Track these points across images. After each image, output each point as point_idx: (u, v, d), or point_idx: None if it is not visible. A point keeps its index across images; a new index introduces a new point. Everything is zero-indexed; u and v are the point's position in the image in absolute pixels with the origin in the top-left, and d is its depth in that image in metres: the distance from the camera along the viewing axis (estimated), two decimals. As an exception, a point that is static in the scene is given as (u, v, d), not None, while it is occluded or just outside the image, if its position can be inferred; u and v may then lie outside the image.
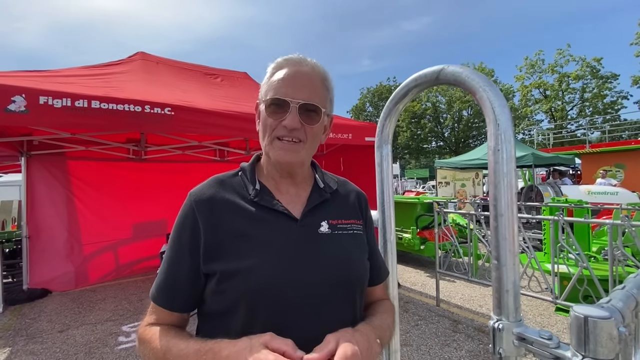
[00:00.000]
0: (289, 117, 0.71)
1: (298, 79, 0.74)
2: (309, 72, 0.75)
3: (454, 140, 37.59)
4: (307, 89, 0.73)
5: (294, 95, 0.72)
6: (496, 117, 0.73)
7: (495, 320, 0.74)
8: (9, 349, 3.11)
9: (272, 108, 0.73)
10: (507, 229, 0.72)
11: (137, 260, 5.50)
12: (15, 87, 2.50)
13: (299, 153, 0.75)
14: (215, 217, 0.73)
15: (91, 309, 4.06)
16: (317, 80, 0.76)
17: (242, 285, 0.68)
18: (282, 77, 0.73)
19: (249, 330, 0.68)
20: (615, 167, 11.89)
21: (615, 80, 27.43)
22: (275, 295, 0.69)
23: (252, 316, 0.69)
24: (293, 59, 0.76)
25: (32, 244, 4.58)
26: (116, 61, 4.59)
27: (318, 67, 0.77)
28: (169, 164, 5.89)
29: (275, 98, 0.72)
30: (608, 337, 0.57)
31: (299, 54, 0.77)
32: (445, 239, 4.30)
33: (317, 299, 0.71)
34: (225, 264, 0.70)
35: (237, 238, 0.71)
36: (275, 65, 0.77)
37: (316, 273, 0.72)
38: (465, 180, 11.35)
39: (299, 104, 0.72)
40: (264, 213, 0.74)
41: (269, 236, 0.73)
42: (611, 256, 2.61)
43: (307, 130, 0.74)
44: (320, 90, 0.76)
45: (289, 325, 0.69)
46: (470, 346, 3.00)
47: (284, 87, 0.73)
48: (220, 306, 0.72)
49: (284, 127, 0.72)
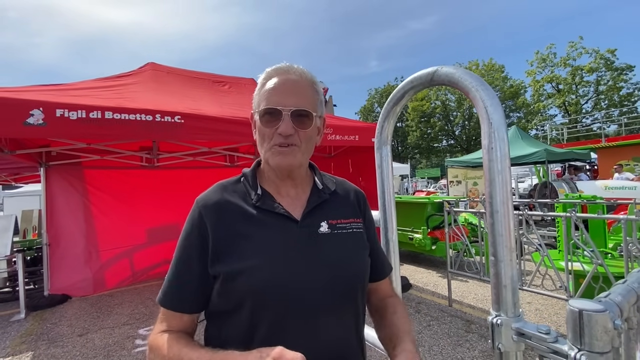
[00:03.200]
0: (283, 124, 0.75)
1: (287, 86, 0.77)
2: (297, 79, 0.78)
3: (465, 138, 37.07)
4: (297, 95, 0.77)
5: (285, 102, 0.75)
6: (489, 115, 0.74)
7: (494, 315, 0.75)
8: (31, 352, 3.23)
9: (266, 117, 0.76)
10: (503, 225, 0.74)
11: (152, 265, 5.62)
12: (33, 102, 2.61)
13: (296, 156, 0.78)
14: (221, 221, 0.77)
15: (109, 313, 4.17)
16: (306, 85, 0.79)
17: (245, 285, 0.71)
18: (272, 86, 0.77)
19: (255, 328, 0.72)
20: (634, 160, 11.52)
21: (630, 72, 26.62)
22: (278, 294, 0.71)
23: (257, 315, 0.72)
24: (281, 68, 0.79)
25: (52, 252, 4.74)
26: (127, 72, 4.72)
27: (305, 73, 0.80)
28: (181, 170, 6.01)
29: (268, 108, 0.76)
30: (603, 330, 0.58)
31: (286, 63, 0.81)
32: (456, 238, 4.25)
33: (319, 297, 0.74)
34: (230, 265, 0.73)
35: (241, 240, 0.75)
36: (265, 76, 0.80)
37: (317, 272, 0.75)
38: (477, 178, 11.17)
39: (290, 110, 0.75)
40: (265, 216, 0.78)
41: (271, 237, 0.76)
42: (626, 252, 2.54)
43: (300, 135, 0.77)
44: (310, 95, 0.79)
45: (293, 323, 0.72)
46: (483, 346, 2.96)
47: (274, 96, 0.76)
48: (226, 306, 0.75)
49: (279, 134, 0.75)
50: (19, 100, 2.57)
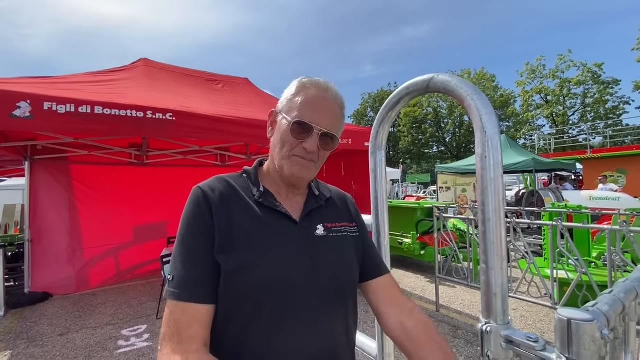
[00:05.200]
0: (310, 141, 0.77)
1: (323, 106, 0.79)
2: (332, 100, 0.81)
3: (455, 145, 37.62)
4: (330, 117, 0.79)
5: (319, 122, 0.77)
6: (483, 124, 0.75)
7: (484, 323, 0.75)
8: (9, 352, 3.12)
9: (295, 128, 0.77)
10: (495, 233, 0.74)
11: (137, 264, 5.52)
12: (21, 93, 2.55)
13: (311, 171, 0.81)
14: (225, 210, 0.75)
15: (91, 312, 4.07)
16: (338, 109, 0.82)
17: (247, 279, 0.71)
18: (309, 101, 0.78)
19: (250, 326, 0.71)
20: (617, 172, 11.85)
21: (616, 86, 27.48)
22: (279, 290, 0.72)
23: (253, 313, 0.71)
24: (320, 84, 0.81)
25: (34, 248, 4.61)
26: (119, 67, 4.65)
27: (339, 95, 0.83)
28: (170, 168, 5.93)
29: (302, 121, 0.77)
30: (591, 339, 0.59)
31: (325, 80, 0.83)
32: (445, 244, 4.29)
33: (316, 298, 0.75)
34: (230, 259, 0.72)
35: (243, 234, 0.74)
36: (300, 85, 0.81)
37: (315, 271, 0.77)
38: (466, 185, 11.34)
39: (321, 131, 0.77)
40: (267, 213, 0.78)
41: (273, 235, 0.76)
42: (610, 262, 2.60)
43: (320, 154, 0.80)
44: (339, 119, 0.83)
45: (289, 324, 0.72)
46: (469, 352, 2.99)
47: (310, 112, 0.77)
48: (227, 301, 0.72)
49: (303, 148, 0.77)
50: (6, 92, 2.50)
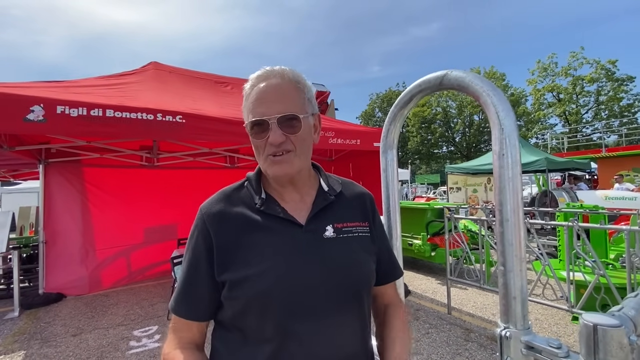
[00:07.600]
0: (271, 134, 0.73)
1: (269, 93, 0.74)
2: (278, 82, 0.75)
3: (465, 145, 37.14)
4: (280, 100, 0.74)
5: (269, 111, 0.73)
6: (500, 121, 0.72)
7: (503, 327, 0.73)
8: (23, 352, 3.18)
9: (254, 129, 0.75)
10: (513, 234, 0.71)
11: (149, 265, 5.59)
12: (34, 97, 2.59)
13: (293, 163, 0.76)
14: (225, 230, 0.76)
15: (104, 313, 4.12)
16: (288, 87, 0.76)
17: (250, 290, 0.71)
18: (255, 96, 0.75)
19: (260, 333, 0.72)
20: (634, 171, 11.53)
21: (631, 83, 26.75)
22: (283, 300, 0.71)
23: (262, 321, 0.71)
24: (261, 75, 0.77)
25: (48, 249, 4.70)
26: (130, 71, 4.72)
27: (286, 73, 0.77)
28: (181, 170, 5.99)
29: (254, 120, 0.74)
30: (618, 346, 0.56)
31: (266, 67, 0.78)
32: (456, 245, 4.22)
33: (324, 302, 0.73)
34: (235, 272, 0.73)
35: (245, 248, 0.75)
36: (248, 86, 0.78)
37: (321, 277, 0.74)
38: (477, 185, 11.16)
39: (275, 118, 0.73)
40: (270, 221, 0.77)
41: (275, 243, 0.75)
42: (629, 263, 2.52)
43: (292, 140, 0.75)
44: (294, 96, 0.76)
45: (298, 328, 0.71)
46: (482, 356, 2.92)
47: (257, 107, 0.74)
48: (232, 311, 0.75)
49: (270, 144, 0.74)
50: (20, 96, 2.55)
